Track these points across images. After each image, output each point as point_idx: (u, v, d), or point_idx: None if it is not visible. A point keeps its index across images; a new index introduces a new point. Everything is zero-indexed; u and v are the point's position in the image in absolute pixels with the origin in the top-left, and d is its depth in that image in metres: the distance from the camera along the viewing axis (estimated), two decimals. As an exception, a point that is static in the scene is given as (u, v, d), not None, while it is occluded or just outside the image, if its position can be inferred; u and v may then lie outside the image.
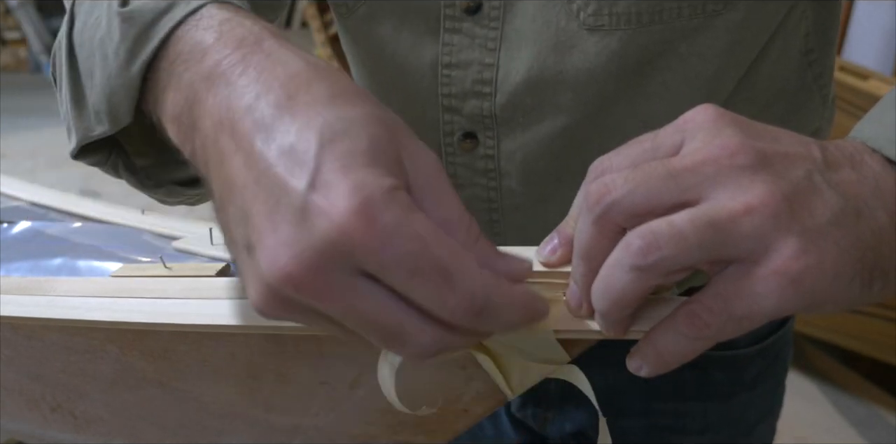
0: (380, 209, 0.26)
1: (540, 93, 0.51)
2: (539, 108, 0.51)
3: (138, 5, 0.36)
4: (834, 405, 1.89)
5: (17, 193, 0.70)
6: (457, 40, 0.52)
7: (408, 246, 0.26)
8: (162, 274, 0.46)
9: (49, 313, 0.44)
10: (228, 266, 0.47)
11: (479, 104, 0.52)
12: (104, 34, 0.38)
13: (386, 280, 0.27)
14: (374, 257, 0.26)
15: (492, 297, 0.28)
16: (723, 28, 0.49)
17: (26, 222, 0.61)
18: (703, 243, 0.29)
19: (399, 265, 0.26)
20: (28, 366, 0.50)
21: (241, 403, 0.44)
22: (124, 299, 0.43)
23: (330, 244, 0.26)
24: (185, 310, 0.41)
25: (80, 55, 0.40)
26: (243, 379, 0.43)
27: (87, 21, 0.40)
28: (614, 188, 0.30)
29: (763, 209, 0.29)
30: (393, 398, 0.34)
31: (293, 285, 0.27)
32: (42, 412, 0.53)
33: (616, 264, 0.30)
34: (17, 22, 5.38)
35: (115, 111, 0.38)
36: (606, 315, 0.32)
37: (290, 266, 0.27)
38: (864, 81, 1.72)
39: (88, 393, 0.50)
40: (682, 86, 0.51)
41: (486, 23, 0.51)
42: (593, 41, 0.49)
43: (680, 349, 0.31)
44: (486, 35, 0.51)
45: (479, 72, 0.52)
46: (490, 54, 0.51)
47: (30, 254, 0.55)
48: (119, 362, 0.46)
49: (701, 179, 0.30)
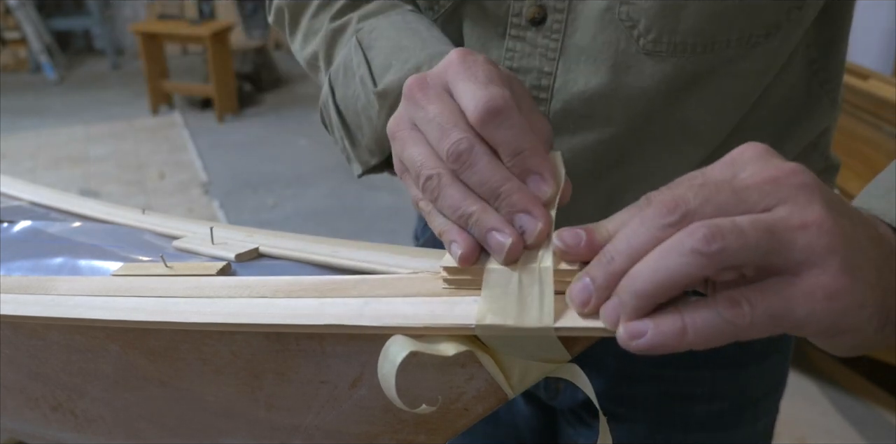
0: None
1: (593, 105, 0.55)
2: (590, 117, 0.56)
3: (387, 84, 0.53)
4: (834, 405, 1.89)
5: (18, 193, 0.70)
6: (519, 47, 0.56)
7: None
8: (163, 273, 0.46)
9: (50, 312, 0.44)
10: (229, 265, 0.47)
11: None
12: (365, 104, 0.55)
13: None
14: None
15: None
16: (761, 54, 0.54)
17: (27, 222, 0.61)
18: (760, 245, 0.31)
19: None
20: (29, 365, 0.50)
21: (241, 402, 0.44)
22: (125, 298, 0.43)
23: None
24: (186, 309, 0.41)
25: (348, 115, 0.58)
26: (244, 378, 0.43)
27: (346, 93, 0.57)
28: (686, 201, 0.32)
29: (818, 229, 0.32)
30: (393, 397, 0.34)
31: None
32: (43, 411, 0.53)
33: (676, 247, 0.31)
34: (17, 22, 5.38)
35: (383, 148, 0.56)
36: (641, 298, 0.32)
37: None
38: (864, 81, 1.72)
39: (89, 392, 0.50)
40: (717, 99, 0.56)
41: (548, 34, 0.55)
42: (650, 64, 0.53)
43: (708, 328, 0.31)
44: (546, 45, 0.55)
45: (537, 78, 0.56)
46: (549, 63, 0.55)
47: (30, 253, 0.55)
48: (120, 362, 0.46)
49: (764, 195, 0.33)
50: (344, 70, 0.58)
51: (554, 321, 0.34)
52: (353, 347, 0.39)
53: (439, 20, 0.60)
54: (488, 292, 0.36)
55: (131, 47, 5.90)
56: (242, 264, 0.48)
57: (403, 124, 0.42)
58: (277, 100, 4.82)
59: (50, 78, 5.35)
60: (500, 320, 0.34)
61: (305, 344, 0.40)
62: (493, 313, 0.35)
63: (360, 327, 0.37)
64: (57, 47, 5.56)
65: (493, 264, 0.37)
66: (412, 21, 0.57)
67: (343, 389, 0.41)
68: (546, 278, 0.35)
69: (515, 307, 0.35)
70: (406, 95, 0.42)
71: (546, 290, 0.35)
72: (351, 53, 0.57)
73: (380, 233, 3.02)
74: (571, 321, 0.34)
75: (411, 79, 0.42)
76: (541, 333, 0.34)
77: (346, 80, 0.57)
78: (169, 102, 4.68)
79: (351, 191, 3.46)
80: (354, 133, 0.58)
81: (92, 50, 6.14)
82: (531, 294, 0.35)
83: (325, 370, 0.40)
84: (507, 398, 0.37)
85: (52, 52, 5.44)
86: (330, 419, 0.42)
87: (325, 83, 0.60)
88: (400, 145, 0.41)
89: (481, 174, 0.38)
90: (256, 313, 0.39)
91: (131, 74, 5.48)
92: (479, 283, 0.36)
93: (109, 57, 5.73)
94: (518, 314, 0.34)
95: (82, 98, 5.00)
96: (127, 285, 0.45)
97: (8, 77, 5.42)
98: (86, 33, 6.13)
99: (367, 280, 0.40)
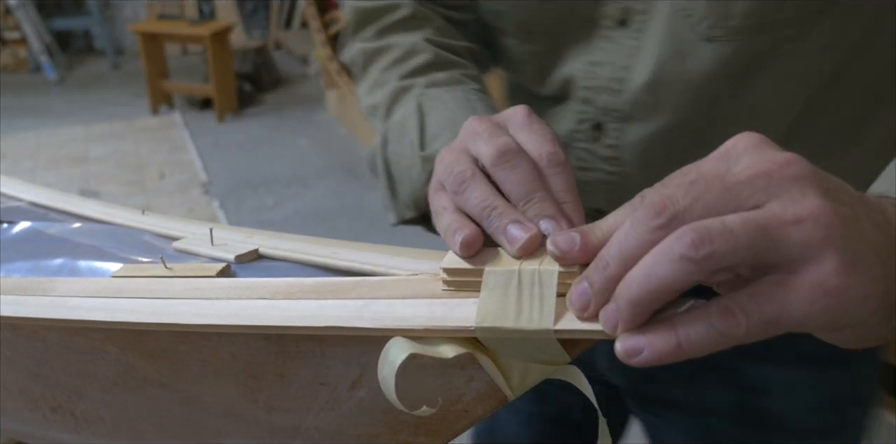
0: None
1: (660, 93, 0.59)
2: (658, 105, 0.59)
3: (433, 151, 0.57)
4: (834, 405, 1.89)
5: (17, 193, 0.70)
6: (604, 45, 0.61)
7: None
8: (162, 274, 0.46)
9: (49, 313, 0.44)
10: (229, 266, 0.47)
11: (610, 99, 0.61)
12: (409, 163, 0.60)
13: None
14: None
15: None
16: (820, 32, 0.55)
17: (26, 222, 0.61)
18: (752, 245, 0.30)
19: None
20: (28, 366, 0.50)
21: (241, 403, 0.44)
22: (125, 299, 0.43)
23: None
24: (185, 310, 0.41)
25: (393, 169, 0.62)
26: (243, 379, 0.43)
27: (396, 149, 0.62)
28: (675, 201, 0.32)
29: (813, 222, 0.30)
30: (393, 398, 0.34)
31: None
32: (42, 412, 0.53)
33: (665, 253, 0.31)
34: (17, 22, 5.38)
35: (419, 207, 0.60)
36: (636, 305, 0.32)
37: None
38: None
39: (89, 393, 0.50)
40: (781, 79, 0.58)
41: (630, 33, 0.59)
42: (709, 49, 0.56)
43: (703, 340, 0.31)
44: (627, 43, 0.59)
45: (614, 71, 0.60)
46: (626, 59, 0.60)
47: (30, 254, 0.55)
48: (119, 363, 0.46)
49: (755, 190, 0.32)
50: (399, 128, 0.62)
51: (554, 324, 0.34)
52: (352, 348, 0.39)
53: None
54: (488, 294, 0.36)
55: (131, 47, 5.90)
56: (242, 265, 0.48)
57: (453, 147, 0.43)
58: (277, 100, 4.82)
59: (50, 78, 5.35)
60: (499, 323, 0.34)
61: (305, 346, 0.40)
62: (493, 315, 0.35)
63: (359, 328, 0.37)
64: (57, 47, 5.56)
65: (494, 266, 0.37)
66: (473, 100, 0.61)
67: (343, 390, 0.41)
68: (546, 280, 0.35)
69: (515, 309, 0.34)
70: (461, 133, 0.44)
71: (546, 292, 0.35)
72: (409, 115, 0.61)
73: (380, 233, 3.02)
74: (571, 324, 0.34)
75: (469, 120, 0.44)
76: (540, 335, 0.34)
77: (399, 137, 0.61)
78: (169, 102, 4.68)
79: (351, 191, 3.46)
80: (396, 186, 0.62)
81: (92, 50, 6.14)
82: (531, 296, 0.35)
83: (324, 371, 0.40)
84: (507, 399, 0.37)
85: (52, 52, 5.45)
86: (330, 421, 0.42)
87: (381, 134, 0.64)
88: (440, 164, 0.43)
89: (522, 175, 0.39)
90: (256, 314, 0.39)
91: (131, 73, 5.48)
92: (479, 285, 0.36)
93: (109, 57, 5.73)
94: (518, 316, 0.34)
95: (82, 98, 5.00)
96: (126, 287, 0.45)
97: (8, 77, 5.42)
98: (86, 33, 6.13)
99: (366, 282, 0.40)
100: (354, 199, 3.38)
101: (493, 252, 0.38)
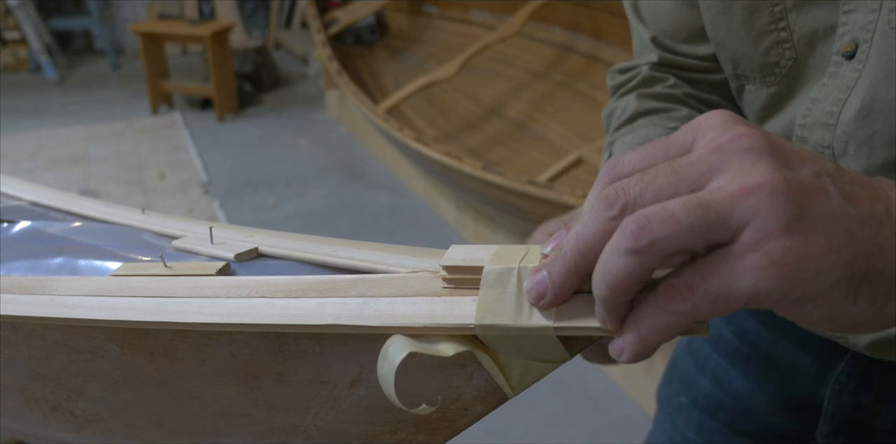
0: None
1: (872, 123, 0.53)
2: (872, 138, 0.54)
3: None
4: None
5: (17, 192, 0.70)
6: (827, 81, 0.56)
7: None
8: (162, 273, 0.46)
9: (49, 312, 0.44)
10: (228, 265, 0.47)
11: (823, 135, 0.57)
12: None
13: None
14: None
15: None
16: None
17: (26, 222, 0.61)
18: (695, 226, 0.29)
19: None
20: (28, 365, 0.50)
21: (241, 402, 0.44)
22: (125, 298, 0.43)
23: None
24: (185, 309, 0.41)
25: None
26: (243, 378, 0.43)
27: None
28: (626, 191, 0.31)
29: (761, 190, 0.29)
30: (393, 397, 0.34)
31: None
32: (42, 411, 0.53)
33: (613, 249, 0.31)
34: (17, 22, 5.38)
35: None
36: (605, 301, 0.32)
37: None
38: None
39: (88, 392, 0.50)
40: None
41: (854, 65, 0.55)
42: None
43: (656, 323, 0.31)
44: (849, 75, 0.55)
45: (830, 105, 0.56)
46: (845, 91, 0.55)
47: (30, 253, 0.55)
48: (119, 362, 0.46)
49: (704, 169, 0.31)
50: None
51: (554, 321, 0.34)
52: (352, 347, 0.39)
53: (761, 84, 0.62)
54: (488, 292, 0.36)
55: (131, 47, 5.91)
56: (242, 263, 0.48)
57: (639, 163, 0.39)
58: (277, 100, 4.82)
59: (50, 78, 5.35)
60: (499, 320, 0.34)
61: (304, 344, 0.40)
62: (492, 313, 0.35)
63: (359, 326, 0.37)
64: (57, 47, 5.56)
65: (493, 264, 0.37)
66: (653, 135, 0.61)
67: (342, 389, 0.41)
68: None
69: (515, 307, 0.34)
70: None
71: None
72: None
73: (380, 233, 3.02)
74: (571, 321, 0.34)
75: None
76: (540, 333, 0.34)
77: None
78: (169, 102, 4.68)
79: (351, 191, 3.46)
80: None
81: (92, 50, 6.14)
82: (531, 294, 0.35)
83: (324, 369, 0.40)
84: (507, 398, 0.37)
85: (52, 52, 5.45)
86: (329, 419, 0.42)
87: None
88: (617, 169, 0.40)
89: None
90: (255, 313, 0.39)
91: (131, 73, 5.48)
92: (479, 282, 0.36)
93: (109, 57, 5.73)
94: (518, 314, 0.34)
95: (82, 98, 5.00)
96: (126, 286, 0.45)
97: (8, 77, 5.42)
98: (86, 33, 6.13)
99: (366, 280, 0.40)
100: (354, 199, 3.38)
101: (492, 250, 0.38)
